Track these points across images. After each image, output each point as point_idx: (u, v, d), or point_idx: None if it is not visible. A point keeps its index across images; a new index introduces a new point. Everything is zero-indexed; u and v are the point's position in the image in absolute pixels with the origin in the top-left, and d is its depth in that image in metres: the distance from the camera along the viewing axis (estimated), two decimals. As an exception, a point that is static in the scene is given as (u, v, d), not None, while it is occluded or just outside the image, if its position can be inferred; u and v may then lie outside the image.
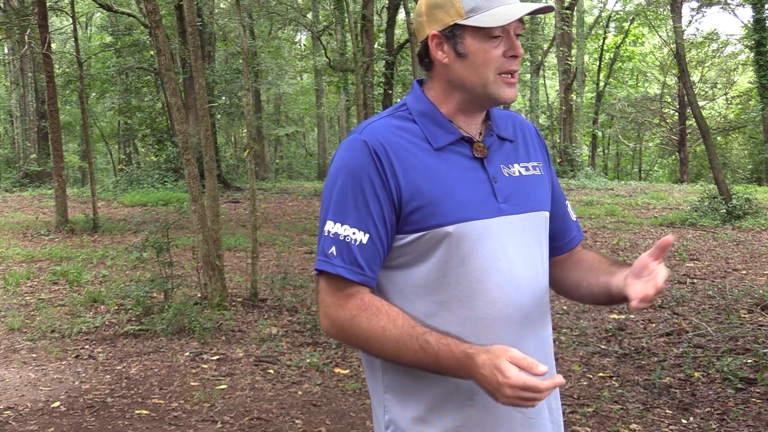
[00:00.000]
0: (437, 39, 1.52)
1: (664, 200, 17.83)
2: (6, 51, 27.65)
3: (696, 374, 4.99)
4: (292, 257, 10.27)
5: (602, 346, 5.78)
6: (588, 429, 4.13)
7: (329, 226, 1.49)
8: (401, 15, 20.13)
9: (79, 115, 23.69)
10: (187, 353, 5.79)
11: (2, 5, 22.47)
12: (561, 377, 1.35)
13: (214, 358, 5.68)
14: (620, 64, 32.40)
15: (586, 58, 30.85)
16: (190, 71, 18.38)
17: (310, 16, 25.32)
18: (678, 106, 30.16)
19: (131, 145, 32.52)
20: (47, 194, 18.85)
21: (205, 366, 5.49)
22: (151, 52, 22.16)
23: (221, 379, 5.18)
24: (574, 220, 1.76)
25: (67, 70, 22.49)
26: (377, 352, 1.48)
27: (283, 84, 29.86)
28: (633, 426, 4.16)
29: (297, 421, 4.37)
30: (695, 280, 8.28)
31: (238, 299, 7.50)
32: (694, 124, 24.28)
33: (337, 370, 5.35)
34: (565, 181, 23.25)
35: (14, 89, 28.18)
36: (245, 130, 24.27)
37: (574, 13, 27.77)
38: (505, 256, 1.50)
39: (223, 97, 23.56)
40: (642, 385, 4.86)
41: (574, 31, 28.42)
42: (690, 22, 27.16)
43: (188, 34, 8.00)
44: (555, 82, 34.07)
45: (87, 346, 6.04)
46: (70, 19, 15.52)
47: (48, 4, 14.87)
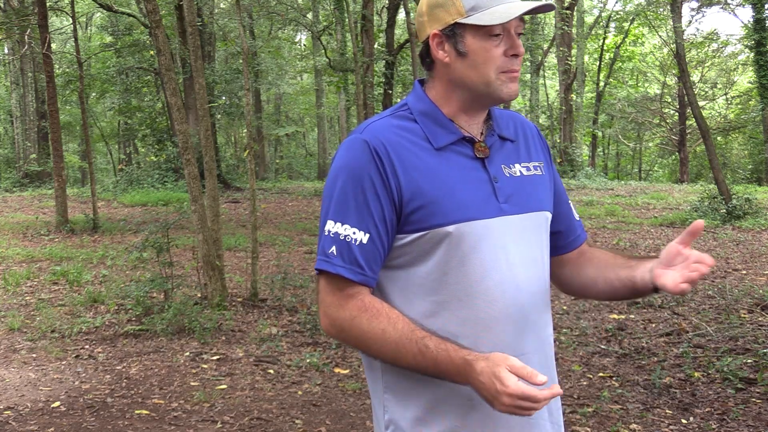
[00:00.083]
0: (438, 38, 1.51)
1: (664, 200, 17.83)
2: (6, 51, 27.65)
3: (696, 374, 4.99)
4: (292, 257, 10.27)
5: (602, 346, 5.78)
6: (588, 429, 4.13)
7: (330, 226, 1.49)
8: (401, 15, 20.13)
9: (79, 115, 23.69)
10: (187, 353, 5.79)
11: (2, 5, 22.47)
12: (559, 387, 1.36)
13: (214, 358, 5.69)
14: (620, 64, 32.41)
15: (586, 58, 30.86)
16: (190, 71, 18.38)
17: (310, 16, 25.32)
18: (678, 106, 30.16)
19: (131, 145, 32.52)
20: (47, 194, 18.85)
21: (205, 366, 5.49)
22: (151, 52, 22.17)
23: (221, 379, 5.18)
24: (578, 219, 1.76)
25: (67, 70, 22.49)
26: (376, 354, 1.48)
27: (283, 84, 29.87)
28: (633, 426, 4.16)
29: (297, 421, 4.37)
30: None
31: (238, 299, 7.49)
32: (694, 124, 24.28)
33: (337, 370, 5.35)
34: (565, 181, 23.26)
35: (14, 89, 28.18)
36: (245, 130, 24.26)
37: (574, 13, 27.78)
38: (505, 256, 1.50)
39: (223, 97, 23.56)
40: (642, 385, 4.86)
41: (574, 31, 28.42)
42: (690, 22, 27.19)
43: (188, 34, 8.00)
44: (555, 82, 34.08)
45: (87, 346, 6.04)
46: (70, 19, 15.52)
47: (48, 4, 14.86)
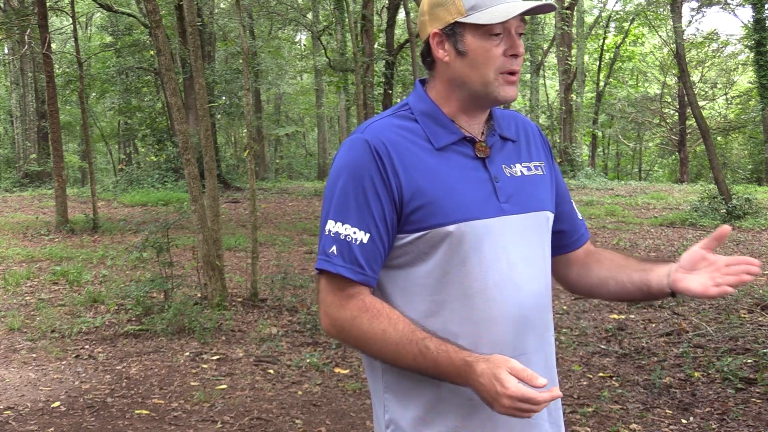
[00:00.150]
0: (438, 37, 1.52)
1: (664, 200, 17.83)
2: (6, 51, 27.65)
3: (696, 374, 4.99)
4: (292, 257, 10.27)
5: (602, 346, 5.78)
6: (588, 429, 4.13)
7: (330, 226, 1.49)
8: (401, 15, 20.13)
9: (79, 115, 23.69)
10: (187, 353, 5.79)
11: (2, 5, 22.47)
12: (558, 390, 1.36)
13: (214, 358, 5.68)
14: (620, 64, 32.41)
15: (586, 58, 30.86)
16: (190, 71, 18.38)
17: (310, 16, 25.32)
18: (678, 106, 30.17)
19: (131, 145, 32.52)
20: (47, 194, 18.85)
21: (205, 366, 5.49)
22: (151, 52, 22.17)
23: (221, 379, 5.18)
24: (581, 218, 1.77)
25: (67, 70, 22.49)
26: (376, 354, 1.48)
27: (283, 84, 29.87)
28: (633, 426, 4.16)
29: (297, 421, 4.37)
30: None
31: (238, 299, 7.49)
32: (694, 124, 24.28)
33: (337, 370, 5.35)
34: (565, 181, 23.09)
35: (14, 89, 28.17)
36: (245, 130, 24.26)
37: (574, 13, 27.77)
38: (505, 256, 1.50)
39: (223, 97, 23.56)
40: (642, 385, 4.86)
41: (574, 31, 28.42)
42: (690, 22, 27.19)
43: (188, 34, 8.00)
44: (555, 82, 34.08)
45: (87, 346, 6.04)
46: (70, 19, 15.52)
47: (48, 4, 14.86)
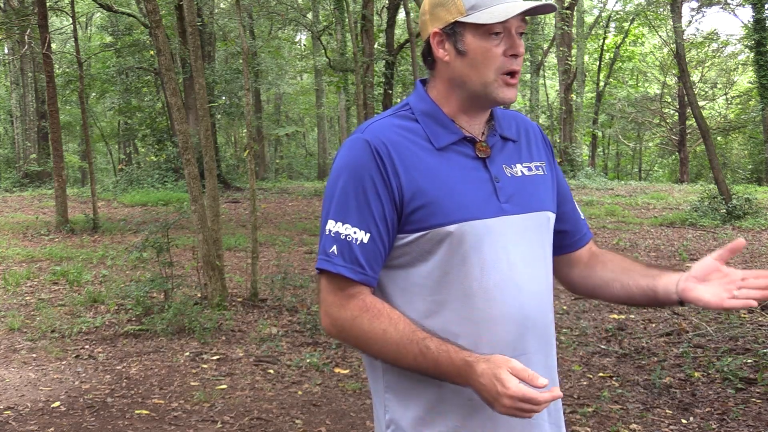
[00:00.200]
0: (439, 37, 1.52)
1: (664, 200, 17.83)
2: (6, 51, 27.65)
3: (696, 374, 4.99)
4: (292, 257, 10.27)
5: (602, 346, 5.78)
6: (588, 429, 4.13)
7: (331, 225, 1.49)
8: (401, 15, 20.12)
9: (79, 115, 23.69)
10: (187, 353, 5.79)
11: (2, 5, 22.47)
12: (559, 390, 1.36)
13: (214, 358, 5.68)
14: (620, 64, 32.41)
15: (586, 58, 30.86)
16: (190, 71, 18.38)
17: (310, 16, 25.32)
18: (678, 106, 30.17)
19: (131, 145, 32.52)
20: (47, 194, 18.85)
21: (205, 366, 5.49)
22: (151, 52, 22.17)
23: (221, 379, 5.18)
24: (583, 218, 1.77)
25: (67, 70, 22.49)
26: (377, 354, 1.48)
27: (283, 84, 29.86)
28: (633, 426, 4.16)
29: (297, 421, 4.37)
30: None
31: (238, 299, 7.49)
32: (694, 124, 24.29)
33: (337, 370, 5.35)
34: (563, 175, 23.24)
35: (14, 89, 28.17)
36: (245, 130, 24.25)
37: (574, 13, 27.77)
38: (506, 256, 1.50)
39: (223, 97, 23.56)
40: (642, 385, 4.86)
41: (574, 31, 28.43)
42: (690, 22, 27.18)
43: (188, 34, 8.00)
44: (555, 82, 34.09)
45: (87, 346, 6.04)
46: (70, 19, 15.52)
47: (48, 4, 14.86)
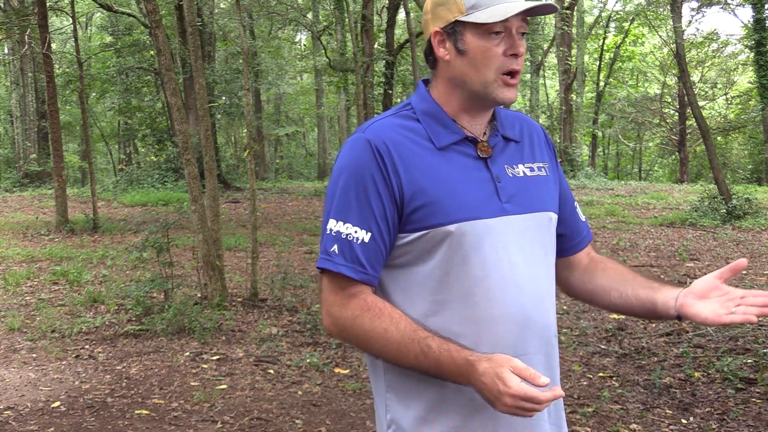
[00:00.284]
0: (439, 36, 1.53)
1: (664, 200, 17.83)
2: (6, 51, 27.65)
3: (696, 374, 4.99)
4: (292, 257, 10.27)
5: (602, 346, 5.78)
6: (588, 429, 4.13)
7: (332, 225, 1.49)
8: (401, 15, 20.13)
9: (79, 115, 23.69)
10: (187, 353, 5.79)
11: (2, 5, 22.47)
12: (560, 389, 1.35)
13: (214, 358, 5.68)
14: (620, 64, 32.41)
15: (586, 58, 30.86)
16: (190, 71, 18.39)
17: (310, 16, 25.32)
18: (678, 106, 30.16)
19: (131, 145, 32.52)
20: (47, 194, 18.85)
21: (205, 366, 5.49)
22: (151, 52, 22.17)
23: (221, 379, 5.18)
24: (584, 220, 1.77)
25: (67, 70, 22.49)
26: (378, 354, 1.48)
27: (283, 84, 29.86)
28: (633, 426, 4.16)
29: (297, 421, 4.37)
30: (695, 280, 8.27)
31: (238, 299, 7.49)
32: (694, 124, 24.28)
33: (337, 370, 5.35)
34: (565, 178, 23.26)
35: (14, 89, 28.17)
36: (245, 130, 24.26)
37: (574, 13, 27.78)
38: (507, 256, 1.50)
39: (223, 97, 23.56)
40: (642, 385, 4.86)
41: (574, 31, 28.43)
42: (690, 22, 27.17)
43: (188, 34, 8.00)
44: (555, 82, 34.09)
45: (87, 346, 6.04)
46: (70, 19, 15.52)
47: (48, 4, 14.86)
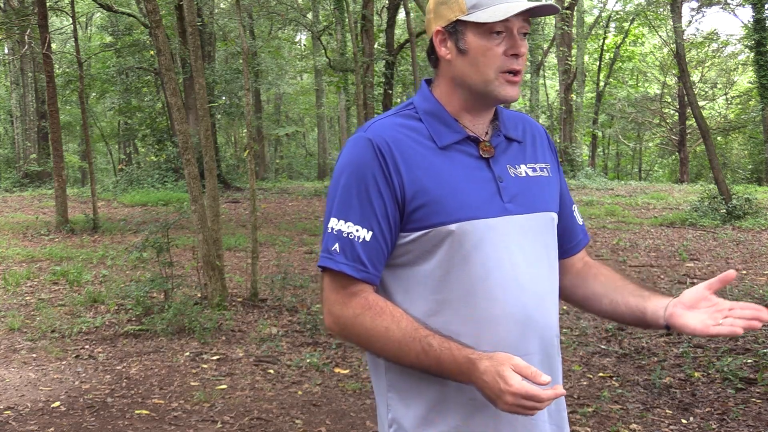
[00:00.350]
0: (441, 35, 1.53)
1: (664, 200, 17.83)
2: (6, 51, 27.65)
3: (696, 374, 4.99)
4: (292, 257, 10.27)
5: (602, 346, 5.78)
6: (588, 429, 4.13)
7: (333, 223, 1.49)
8: (401, 15, 20.13)
9: (79, 115, 23.69)
10: (187, 353, 5.79)
11: (2, 5, 22.47)
12: (562, 388, 1.35)
13: (214, 358, 5.68)
14: (620, 64, 32.41)
15: (586, 58, 30.86)
16: (190, 71, 18.38)
17: (310, 16, 25.32)
18: (678, 106, 30.16)
19: (131, 145, 32.53)
20: (47, 194, 18.85)
21: (205, 366, 5.48)
22: (151, 52, 22.17)
23: (221, 379, 5.18)
24: (581, 224, 1.76)
25: (67, 70, 22.49)
26: (379, 352, 1.48)
27: (283, 84, 29.87)
28: (633, 426, 4.16)
29: (297, 421, 4.37)
30: (695, 280, 8.28)
31: (238, 299, 7.49)
32: (694, 124, 24.28)
33: (337, 370, 5.35)
34: (565, 180, 23.26)
35: (14, 89, 28.17)
36: (245, 130, 24.26)
37: (574, 13, 27.77)
38: (508, 256, 1.50)
39: (223, 97, 23.56)
40: (642, 385, 4.86)
41: (574, 31, 28.43)
42: (690, 22, 27.17)
43: (188, 34, 8.00)
44: (555, 82, 34.09)
45: (87, 346, 6.04)
46: (70, 19, 15.52)
47: (48, 4, 14.86)
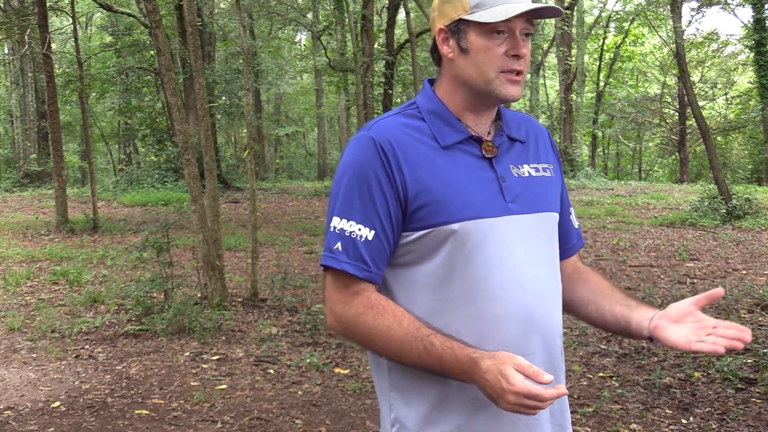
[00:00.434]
0: (444, 33, 1.54)
1: (664, 200, 17.83)
2: (6, 51, 27.65)
3: (696, 374, 4.99)
4: (292, 257, 10.27)
5: (602, 346, 5.78)
6: (588, 429, 4.13)
7: (335, 222, 1.49)
8: (401, 15, 20.13)
9: (79, 115, 23.69)
10: (187, 353, 5.79)
11: (2, 5, 22.47)
12: (564, 387, 1.35)
13: (214, 358, 5.68)
14: (620, 64, 32.41)
15: (586, 58, 30.87)
16: (190, 71, 18.38)
17: (310, 16, 25.32)
18: (678, 106, 30.16)
19: (131, 145, 32.52)
20: (47, 194, 18.85)
21: (205, 366, 5.48)
22: (151, 52, 22.17)
23: (221, 379, 5.17)
24: (576, 228, 1.76)
25: (67, 70, 22.48)
26: (381, 351, 1.48)
27: (283, 84, 29.86)
28: (633, 426, 4.16)
29: (297, 421, 4.37)
30: (695, 280, 8.28)
31: (238, 299, 7.49)
32: (694, 124, 24.29)
33: (337, 370, 5.35)
34: (566, 181, 23.22)
35: (14, 89, 28.17)
36: (245, 130, 24.26)
37: (574, 13, 27.77)
38: (510, 256, 1.50)
39: (223, 97, 23.56)
40: (642, 385, 4.86)
41: (574, 31, 28.43)
42: (690, 22, 27.16)
43: (188, 34, 8.00)
44: (555, 82, 34.09)
45: (87, 346, 6.04)
46: (70, 19, 15.52)
47: (48, 4, 14.86)
